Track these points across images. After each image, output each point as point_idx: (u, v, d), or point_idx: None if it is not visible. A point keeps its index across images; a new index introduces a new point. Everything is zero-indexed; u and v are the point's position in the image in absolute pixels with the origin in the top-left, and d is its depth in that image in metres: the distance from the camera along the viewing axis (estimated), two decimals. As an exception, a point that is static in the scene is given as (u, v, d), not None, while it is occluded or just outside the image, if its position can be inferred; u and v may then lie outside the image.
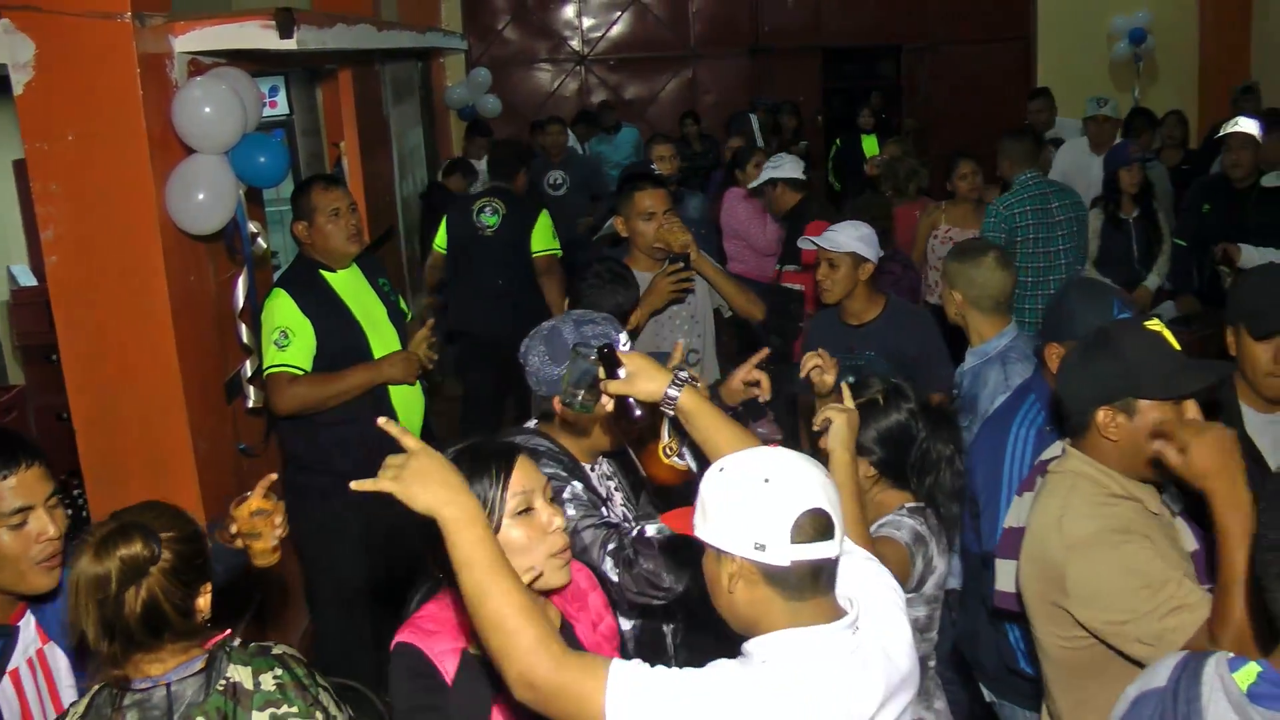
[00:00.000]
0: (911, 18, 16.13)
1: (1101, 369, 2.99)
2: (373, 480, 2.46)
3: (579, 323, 3.46)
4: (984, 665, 4.16)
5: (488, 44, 16.01)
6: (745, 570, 2.36)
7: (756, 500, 2.33)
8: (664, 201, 5.46)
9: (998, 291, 4.69)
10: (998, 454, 3.93)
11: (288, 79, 8.05)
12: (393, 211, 9.68)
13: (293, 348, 5.05)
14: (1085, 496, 3.00)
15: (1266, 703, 2.07)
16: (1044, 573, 3.01)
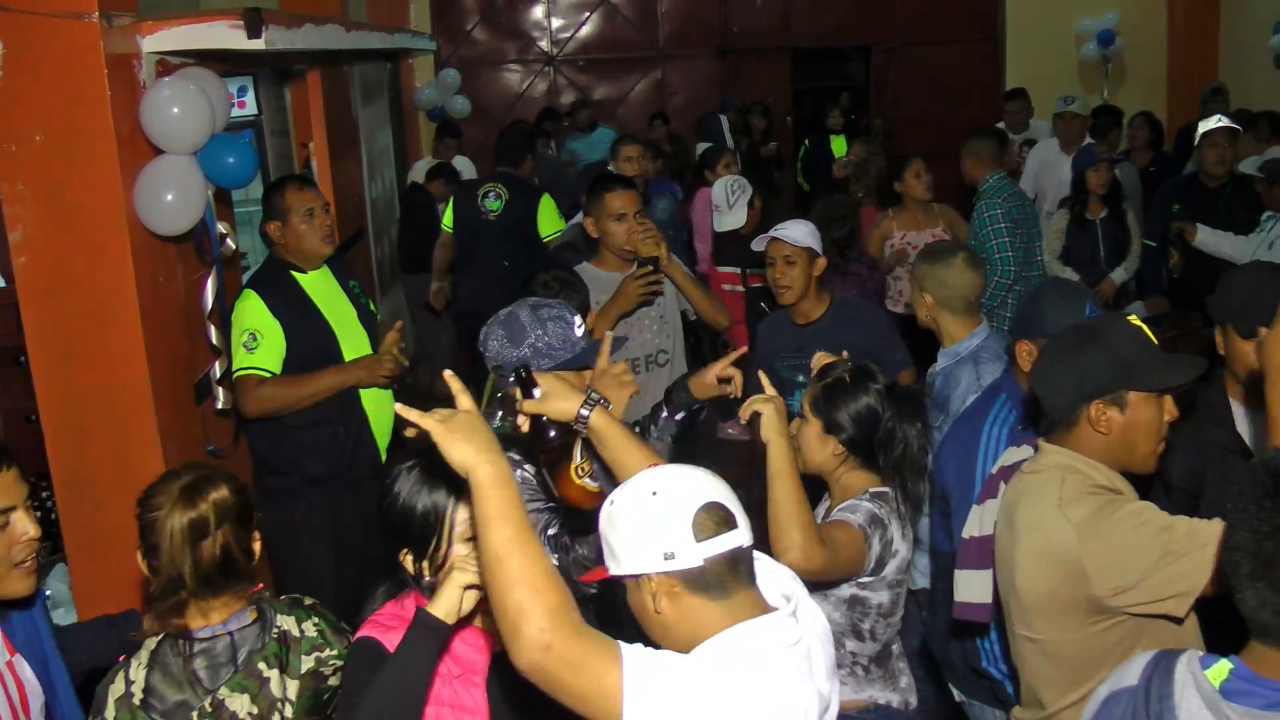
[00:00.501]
0: (880, 19, 16.16)
1: (1091, 363, 2.99)
2: (420, 414, 2.41)
3: (536, 308, 3.51)
4: (953, 664, 4.18)
5: (456, 45, 15.97)
6: (664, 585, 2.36)
7: (650, 513, 2.36)
8: (634, 203, 5.47)
9: (968, 292, 4.71)
10: (970, 453, 3.95)
11: (256, 79, 8.01)
12: (362, 213, 9.64)
13: (261, 350, 5.04)
14: (1077, 487, 2.99)
15: (1239, 699, 2.08)
16: (1055, 565, 2.96)
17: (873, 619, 3.67)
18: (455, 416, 2.39)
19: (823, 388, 3.69)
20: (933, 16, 15.94)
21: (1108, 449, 3.03)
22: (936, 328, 4.78)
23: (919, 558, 4.64)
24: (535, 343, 3.44)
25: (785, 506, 3.26)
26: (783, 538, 3.25)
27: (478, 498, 2.30)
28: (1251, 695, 2.08)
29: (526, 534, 2.28)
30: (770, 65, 16.39)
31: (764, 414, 3.31)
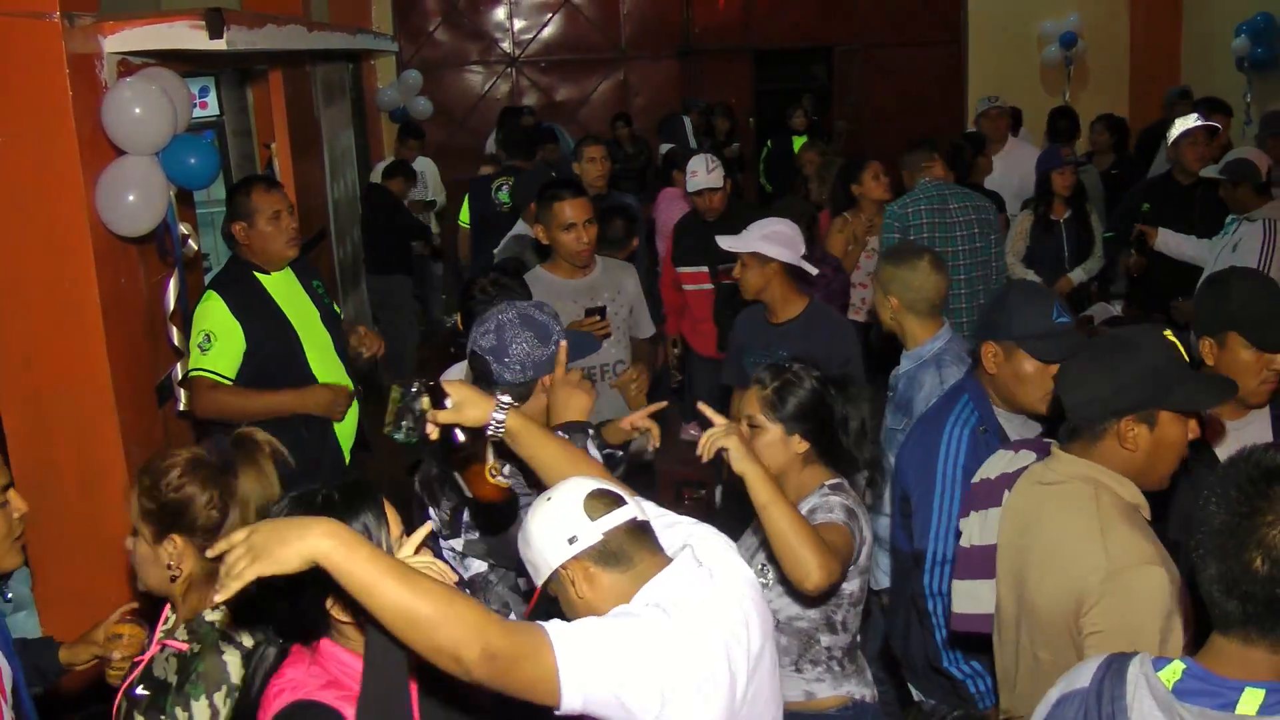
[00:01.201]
0: (842, 20, 16.19)
1: (1127, 376, 2.93)
2: (230, 581, 2.26)
3: (538, 305, 3.62)
4: (913, 663, 4.18)
5: (419, 46, 15.93)
6: (579, 569, 2.60)
7: (548, 514, 2.62)
8: (585, 211, 5.48)
9: (933, 294, 4.71)
10: (931, 454, 3.94)
11: (218, 80, 7.98)
12: (324, 213, 9.60)
13: (214, 352, 5.01)
14: (1113, 509, 2.94)
15: (1193, 699, 2.08)
16: (1072, 588, 2.91)
17: (845, 609, 3.70)
18: (249, 543, 2.28)
19: (774, 391, 3.69)
20: (895, 18, 15.99)
21: (1129, 464, 3.00)
22: (900, 330, 4.78)
23: (880, 556, 4.66)
24: (560, 338, 3.51)
25: (788, 533, 3.22)
26: (798, 566, 3.22)
27: (341, 574, 2.25)
28: (1205, 695, 2.08)
29: (407, 575, 2.27)
30: (732, 66, 16.40)
31: (730, 448, 3.27)
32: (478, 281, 4.66)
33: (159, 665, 3.01)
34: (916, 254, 4.80)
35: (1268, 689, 2.05)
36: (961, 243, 6.83)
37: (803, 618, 3.67)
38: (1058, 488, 3.06)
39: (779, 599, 3.66)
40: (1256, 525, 2.03)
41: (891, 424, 4.67)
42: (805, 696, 3.71)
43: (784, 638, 3.67)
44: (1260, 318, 3.71)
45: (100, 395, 4.88)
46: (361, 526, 2.56)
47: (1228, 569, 2.06)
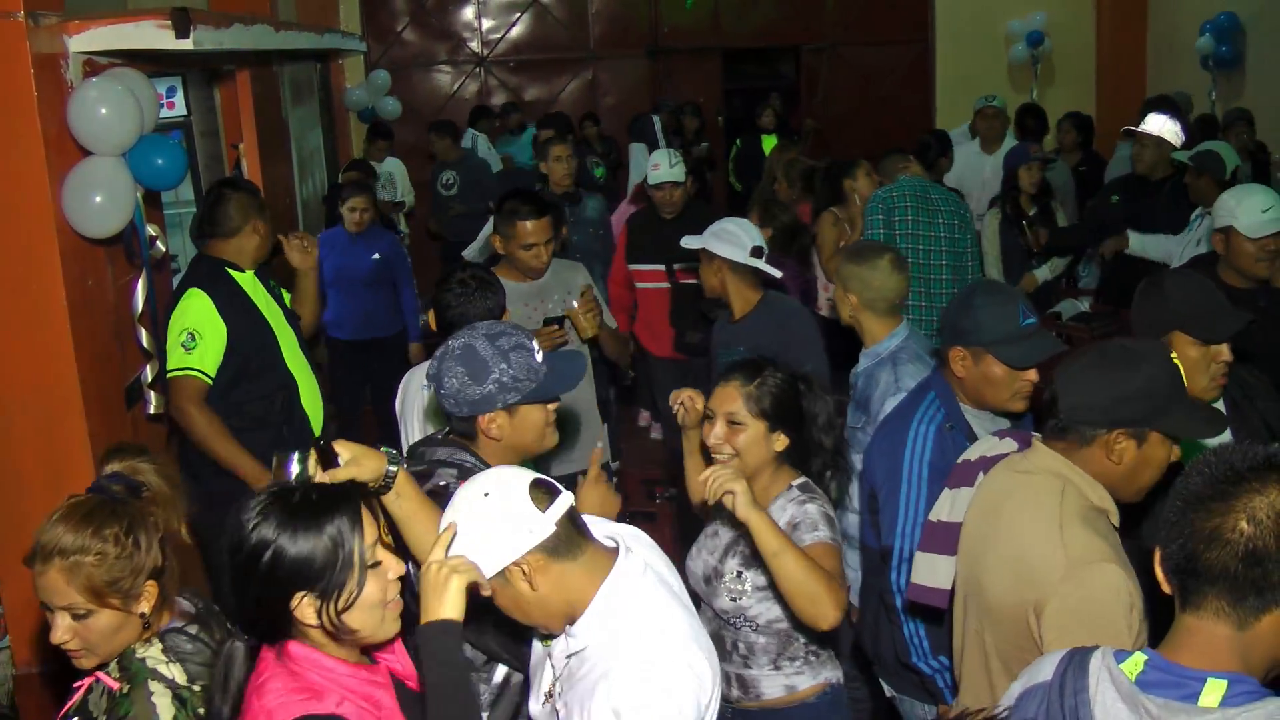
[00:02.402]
0: (810, 19, 16.19)
1: (1127, 391, 2.94)
2: None
3: (492, 337, 3.41)
4: (883, 659, 4.19)
5: (387, 46, 15.87)
6: (534, 563, 2.61)
7: (494, 510, 2.61)
8: (546, 231, 5.47)
9: (893, 294, 4.71)
10: (897, 450, 3.94)
11: (185, 80, 7.91)
12: (293, 214, 9.57)
13: (199, 351, 4.99)
14: (1075, 506, 2.96)
15: (1156, 690, 2.09)
16: (1026, 580, 2.94)
17: None
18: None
19: (757, 388, 3.68)
20: (863, 17, 16.01)
21: (1109, 473, 3.01)
22: (859, 328, 4.78)
23: (849, 554, 4.66)
24: (500, 378, 3.34)
25: (803, 581, 3.30)
26: (815, 609, 3.31)
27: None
28: (1168, 686, 2.09)
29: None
30: (701, 65, 16.40)
31: (738, 492, 3.28)
32: (455, 274, 4.64)
33: (93, 700, 2.90)
34: (878, 252, 4.80)
35: (1230, 680, 2.06)
36: (944, 230, 6.87)
37: (783, 619, 3.67)
38: (1028, 478, 3.08)
39: (759, 604, 3.66)
40: (1242, 492, 2.05)
41: (851, 422, 4.67)
42: (787, 691, 3.73)
43: (763, 638, 3.69)
44: (1201, 313, 3.75)
45: (68, 398, 4.85)
46: (335, 530, 2.50)
47: (1207, 530, 2.07)
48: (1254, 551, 2.03)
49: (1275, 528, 2.03)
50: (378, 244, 8.50)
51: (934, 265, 6.86)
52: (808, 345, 5.21)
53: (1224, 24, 12.27)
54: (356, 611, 2.52)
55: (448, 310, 4.46)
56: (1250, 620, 2.07)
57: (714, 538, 3.87)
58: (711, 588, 3.76)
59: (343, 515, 2.53)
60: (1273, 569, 2.04)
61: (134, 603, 2.88)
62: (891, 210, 6.87)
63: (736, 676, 3.74)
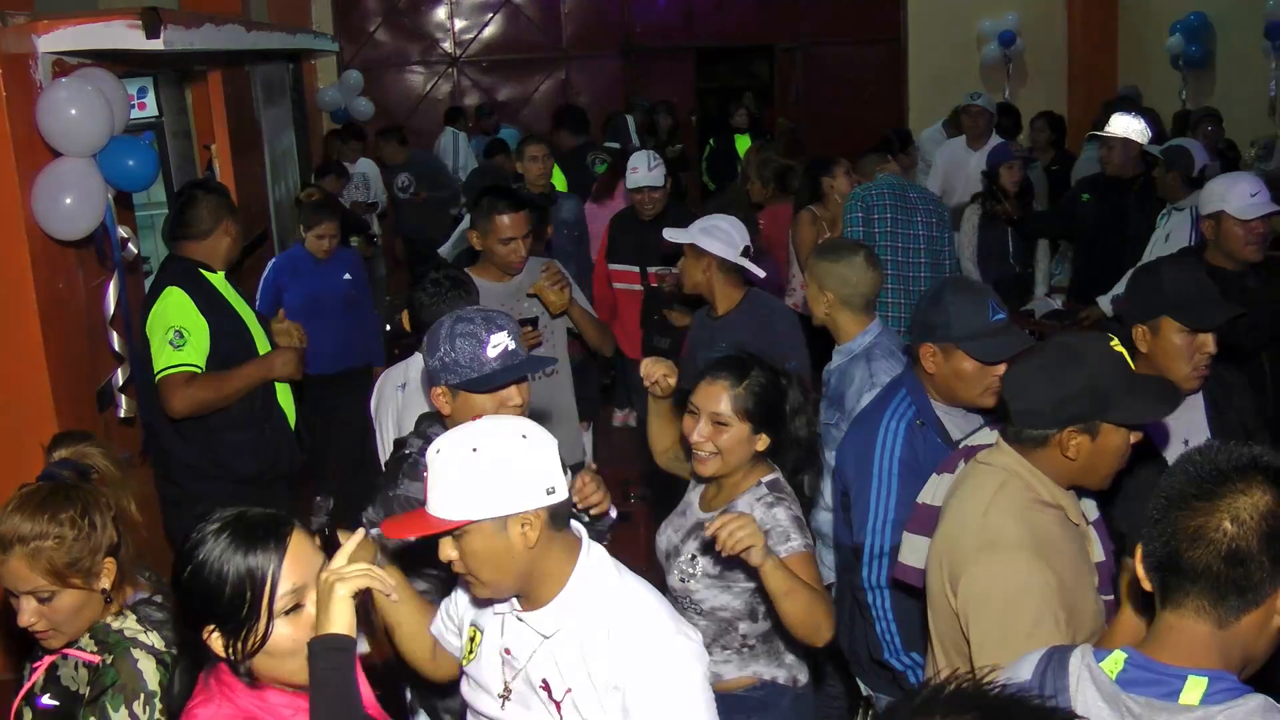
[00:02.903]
0: (783, 18, 16.24)
1: (1070, 388, 2.96)
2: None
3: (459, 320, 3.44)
4: (858, 657, 4.20)
5: (359, 46, 15.85)
6: (535, 520, 2.57)
7: (529, 454, 2.57)
8: (524, 225, 5.45)
9: (869, 290, 4.73)
10: (868, 447, 3.95)
11: (156, 80, 7.87)
12: (265, 215, 9.53)
13: (189, 346, 4.97)
14: (1014, 497, 2.99)
15: (1138, 688, 2.10)
16: (950, 557, 3.02)
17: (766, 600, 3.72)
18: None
19: (746, 390, 3.68)
20: (835, 16, 16.06)
21: (1068, 469, 3.03)
22: (832, 325, 4.78)
23: (823, 552, 4.67)
24: (444, 356, 3.38)
25: (806, 614, 3.38)
26: (815, 635, 3.46)
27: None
28: (1149, 684, 2.10)
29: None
30: (674, 65, 16.42)
31: (756, 546, 3.26)
32: (430, 274, 4.62)
33: (65, 674, 2.96)
34: (853, 249, 4.81)
35: (1210, 677, 2.06)
36: (922, 228, 6.89)
37: (727, 608, 3.70)
38: (981, 468, 3.13)
39: (705, 590, 3.70)
40: (1226, 492, 2.06)
41: (825, 419, 4.67)
42: (712, 678, 3.71)
43: (702, 621, 3.71)
44: (1191, 300, 3.80)
45: (39, 401, 4.82)
46: (250, 565, 2.37)
47: (1191, 529, 2.08)
48: (1236, 551, 2.04)
49: (1258, 528, 2.04)
50: (346, 263, 7.73)
51: (913, 263, 6.87)
52: (791, 342, 5.20)
53: (1194, 24, 12.38)
54: (264, 657, 2.39)
55: (421, 310, 4.44)
56: (1230, 619, 2.08)
57: (682, 516, 3.89)
58: (669, 564, 3.80)
59: (265, 552, 2.39)
60: (1254, 569, 2.05)
61: (95, 580, 2.97)
62: (870, 208, 6.89)
63: None
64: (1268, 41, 11.00)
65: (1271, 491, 2.06)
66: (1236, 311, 3.86)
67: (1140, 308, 3.91)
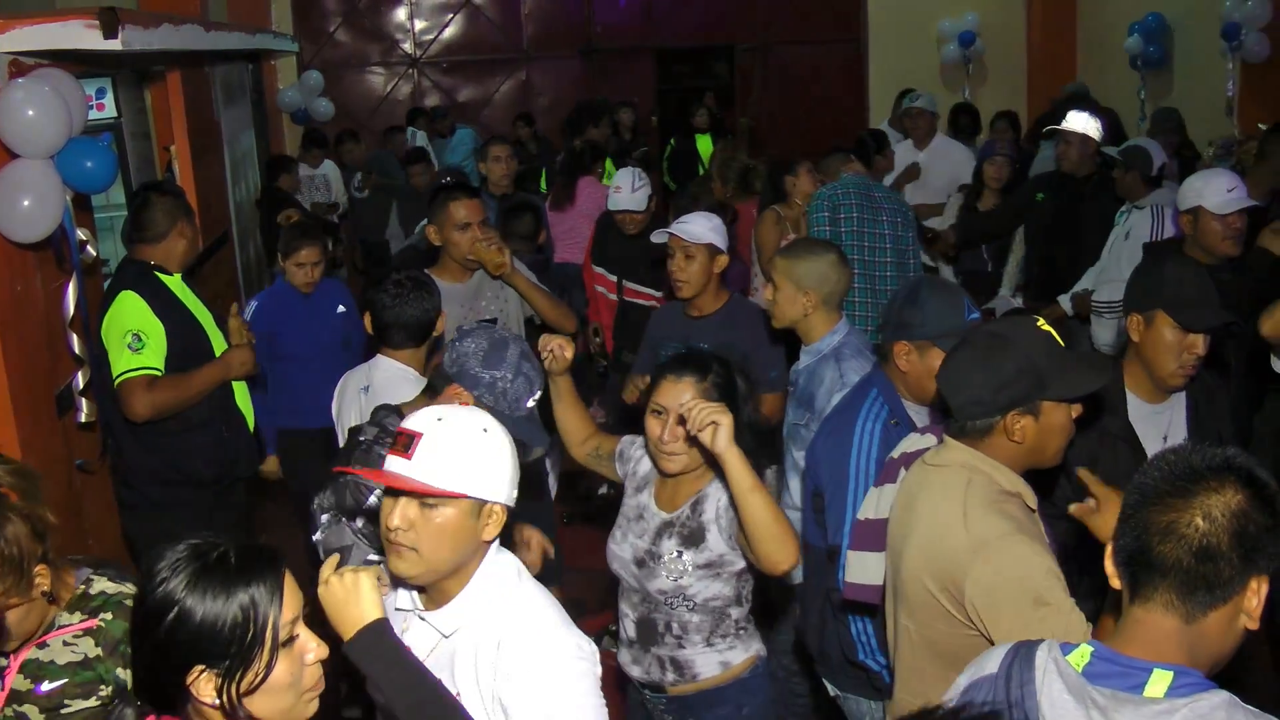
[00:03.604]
0: (743, 18, 16.29)
1: (1006, 373, 3.00)
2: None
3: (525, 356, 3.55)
4: (828, 658, 4.19)
5: (319, 46, 15.79)
6: (501, 514, 2.71)
7: (512, 456, 2.71)
8: (478, 211, 5.47)
9: (843, 289, 4.74)
10: (843, 449, 3.95)
11: (115, 81, 7.81)
12: (226, 216, 9.48)
13: (148, 349, 4.95)
14: (982, 493, 3.01)
15: (1104, 681, 2.11)
16: (941, 570, 3.00)
17: (750, 583, 3.81)
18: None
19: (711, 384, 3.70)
20: (795, 16, 16.11)
21: (1019, 455, 3.07)
22: (804, 326, 4.74)
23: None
24: (500, 382, 3.45)
25: (770, 521, 3.35)
26: (779, 550, 3.38)
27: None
28: (1115, 676, 2.11)
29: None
30: (635, 65, 16.44)
31: (723, 425, 3.28)
32: (392, 275, 4.59)
33: (58, 655, 3.09)
34: (825, 248, 4.81)
35: (1176, 671, 2.08)
36: (888, 228, 6.91)
37: (719, 597, 3.73)
38: (939, 470, 3.14)
39: (698, 583, 3.70)
40: (1200, 490, 2.09)
41: (794, 419, 4.67)
42: (722, 668, 3.80)
43: (697, 616, 3.74)
44: (1188, 300, 3.83)
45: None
46: (249, 599, 2.19)
47: (1163, 524, 2.10)
48: (1207, 548, 2.06)
49: (1229, 526, 2.06)
50: (337, 295, 6.70)
51: (879, 263, 6.87)
52: (774, 347, 5.22)
53: (1152, 25, 12.45)
54: (262, 695, 2.23)
55: (383, 312, 4.43)
56: (1198, 615, 2.10)
57: (639, 521, 3.88)
58: (647, 569, 3.78)
59: (261, 583, 2.22)
60: (1224, 566, 2.07)
61: (31, 589, 2.99)
62: (836, 208, 6.89)
63: (670, 659, 3.79)
64: (1224, 42, 11.07)
65: (1244, 492, 2.08)
66: (1230, 319, 3.89)
67: (1139, 297, 3.95)
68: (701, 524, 3.70)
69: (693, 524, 3.70)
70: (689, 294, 5.35)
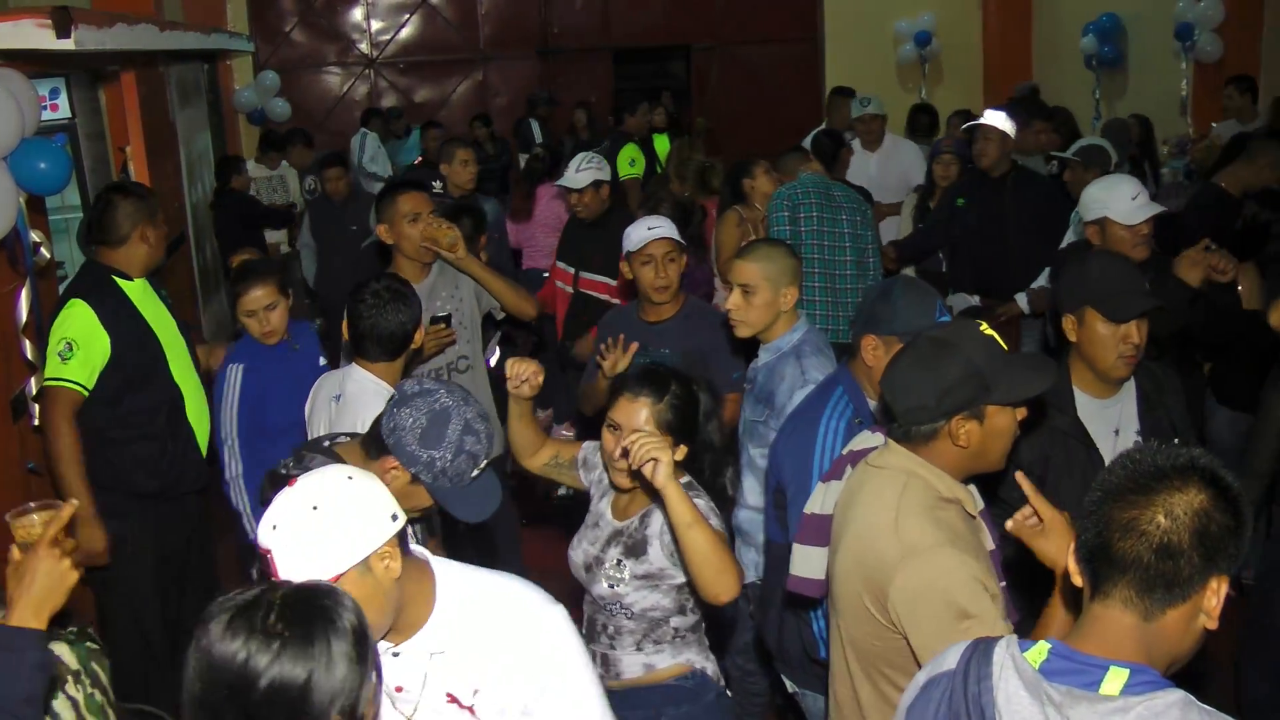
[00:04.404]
0: (699, 18, 16.32)
1: (950, 378, 3.00)
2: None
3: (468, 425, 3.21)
4: (788, 656, 4.21)
5: (276, 46, 15.72)
6: (392, 550, 2.56)
7: (360, 494, 2.54)
8: (426, 203, 5.45)
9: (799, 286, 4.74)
10: (807, 446, 3.96)
11: (69, 81, 7.74)
12: (182, 218, 9.41)
13: (75, 362, 4.83)
14: (918, 499, 3.01)
15: (1060, 678, 2.11)
16: (869, 572, 3.01)
17: (694, 594, 3.75)
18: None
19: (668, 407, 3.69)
20: (752, 16, 16.15)
21: (962, 459, 3.07)
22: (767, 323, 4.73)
23: (743, 550, 4.68)
24: (438, 461, 3.17)
25: (710, 554, 3.32)
26: (718, 583, 3.34)
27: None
28: (1071, 674, 2.11)
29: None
30: (592, 65, 16.45)
31: (663, 461, 3.25)
32: (370, 285, 4.46)
33: None
34: (784, 244, 4.83)
35: (1132, 669, 2.08)
36: (848, 226, 6.93)
37: (657, 608, 3.74)
38: (878, 473, 3.14)
39: (635, 593, 3.72)
40: (1163, 488, 2.10)
41: (752, 416, 4.66)
42: (645, 670, 3.80)
43: (633, 623, 3.76)
44: (1112, 292, 3.86)
45: (-50, 411, 4.72)
46: None
47: (1124, 520, 2.11)
48: (1168, 545, 2.07)
49: (1191, 524, 2.07)
50: (310, 344, 5.53)
51: (839, 261, 6.90)
52: (735, 351, 5.19)
53: (1106, 25, 12.57)
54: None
55: (358, 321, 4.32)
56: (1156, 613, 2.10)
57: (595, 528, 3.89)
58: (591, 574, 3.81)
59: None
60: (1184, 564, 2.07)
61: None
62: (796, 207, 6.90)
63: (601, 656, 3.81)
64: (1178, 42, 11.18)
65: (1207, 491, 2.09)
66: (1155, 304, 3.92)
67: (1067, 297, 3.99)
68: (646, 536, 3.70)
69: (639, 535, 3.71)
70: (667, 298, 5.28)
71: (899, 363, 3.14)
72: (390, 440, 3.21)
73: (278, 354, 5.25)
